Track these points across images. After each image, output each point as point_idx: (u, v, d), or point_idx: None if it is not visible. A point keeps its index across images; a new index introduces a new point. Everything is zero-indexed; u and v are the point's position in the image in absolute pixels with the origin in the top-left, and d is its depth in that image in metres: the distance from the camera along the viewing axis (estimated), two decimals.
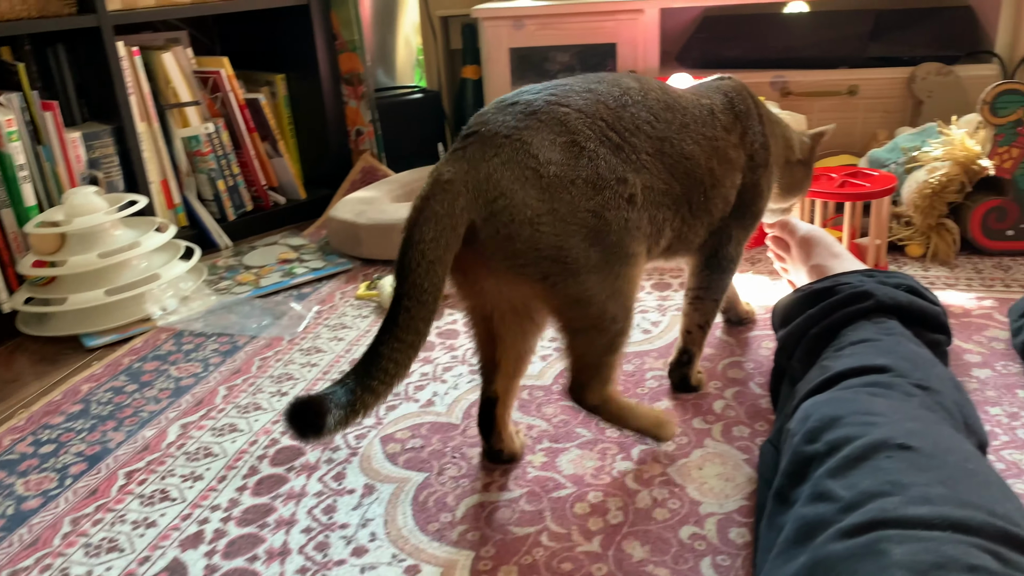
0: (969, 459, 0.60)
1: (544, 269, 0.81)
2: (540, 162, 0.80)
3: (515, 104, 0.85)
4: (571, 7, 1.85)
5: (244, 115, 1.81)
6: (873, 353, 0.85)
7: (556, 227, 0.80)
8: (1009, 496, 0.57)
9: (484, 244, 0.80)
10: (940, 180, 1.34)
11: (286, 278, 1.52)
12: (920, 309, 0.97)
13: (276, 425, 1.04)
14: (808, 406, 0.72)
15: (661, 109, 0.92)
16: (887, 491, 0.55)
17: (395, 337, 0.76)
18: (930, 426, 0.65)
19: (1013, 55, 1.72)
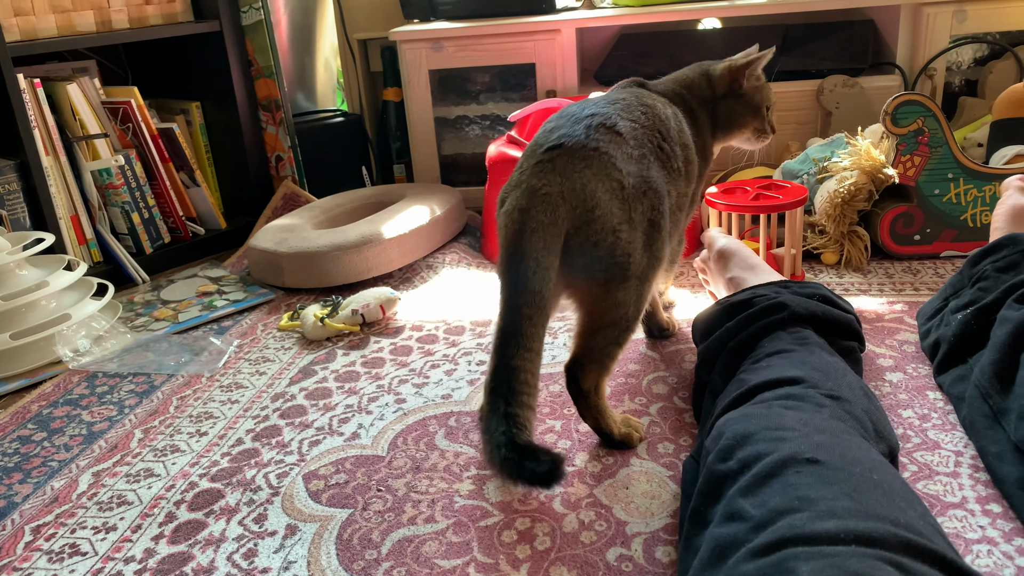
0: (874, 469, 0.61)
1: (611, 273, 0.87)
2: (623, 174, 0.88)
3: (592, 117, 0.91)
4: (488, 29, 1.86)
5: (157, 145, 1.76)
6: (787, 364, 0.86)
7: (631, 235, 0.87)
8: (913, 504, 0.58)
9: (569, 249, 0.85)
10: (849, 189, 1.39)
11: (205, 312, 1.48)
12: (833, 317, 1.00)
13: (194, 468, 1.00)
14: (722, 423, 0.73)
15: (677, 121, 1.03)
16: (796, 507, 0.55)
17: (524, 347, 0.82)
18: (838, 437, 0.67)
19: (913, 66, 1.79)
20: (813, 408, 0.74)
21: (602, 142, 0.89)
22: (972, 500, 0.82)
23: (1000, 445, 0.86)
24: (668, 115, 1.01)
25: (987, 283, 1.04)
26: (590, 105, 0.95)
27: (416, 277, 1.58)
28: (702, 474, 0.68)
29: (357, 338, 1.32)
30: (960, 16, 1.73)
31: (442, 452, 0.99)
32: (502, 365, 0.81)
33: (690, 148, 1.05)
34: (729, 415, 0.75)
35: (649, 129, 0.95)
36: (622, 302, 0.90)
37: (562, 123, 0.92)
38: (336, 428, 1.06)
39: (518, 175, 0.90)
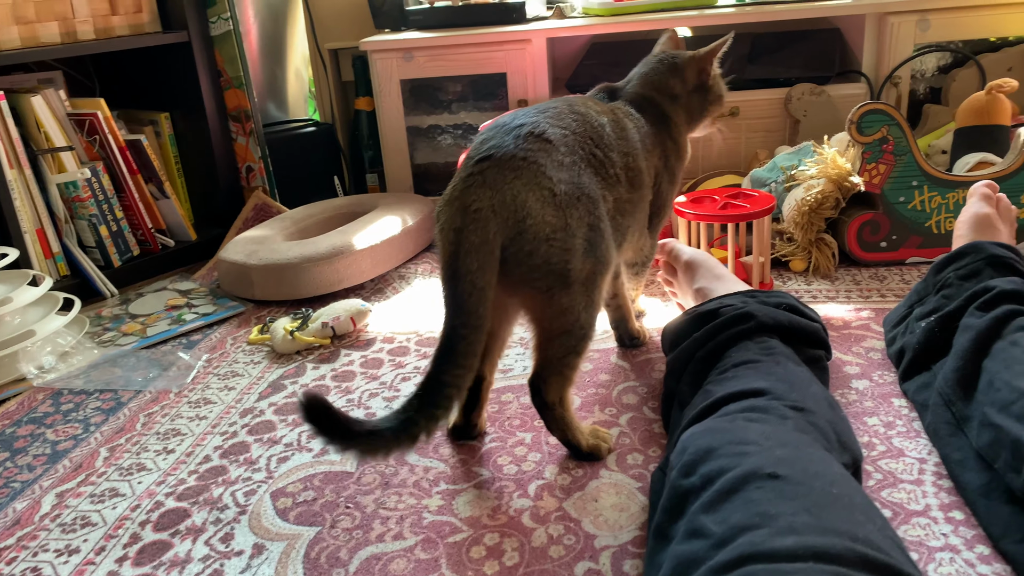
0: (835, 483, 0.62)
1: (551, 281, 0.88)
2: (554, 182, 0.88)
3: (520, 127, 0.91)
4: (459, 39, 1.86)
5: (125, 157, 1.74)
6: (753, 376, 0.87)
7: (567, 242, 0.88)
8: (872, 517, 0.59)
9: (506, 260, 0.86)
10: (816, 197, 1.40)
11: (174, 326, 1.47)
12: (799, 327, 1.01)
13: (160, 486, 0.99)
14: (686, 438, 0.73)
15: (619, 128, 1.04)
16: (756, 524, 0.56)
17: (456, 364, 0.82)
18: (800, 451, 0.67)
19: (879, 74, 1.81)
20: (777, 420, 0.74)
21: (531, 151, 0.89)
22: (935, 508, 0.83)
23: (963, 452, 0.87)
24: (603, 123, 1.01)
25: (950, 290, 1.06)
26: (520, 115, 0.95)
27: (388, 288, 1.57)
28: (666, 490, 0.68)
29: (327, 351, 1.32)
30: (923, 25, 1.76)
31: (411, 467, 0.98)
32: (432, 377, 0.82)
33: (632, 155, 1.04)
34: (693, 429, 0.75)
35: (581, 136, 0.96)
36: (569, 308, 0.90)
37: (493, 134, 0.92)
38: (305, 444, 1.06)
39: (451, 190, 0.89)
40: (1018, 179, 1.41)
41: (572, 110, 0.99)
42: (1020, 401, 0.80)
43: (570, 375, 0.94)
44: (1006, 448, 0.79)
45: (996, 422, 0.81)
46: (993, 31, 1.78)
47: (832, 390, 1.07)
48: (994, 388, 0.85)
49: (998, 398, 0.84)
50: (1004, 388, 0.84)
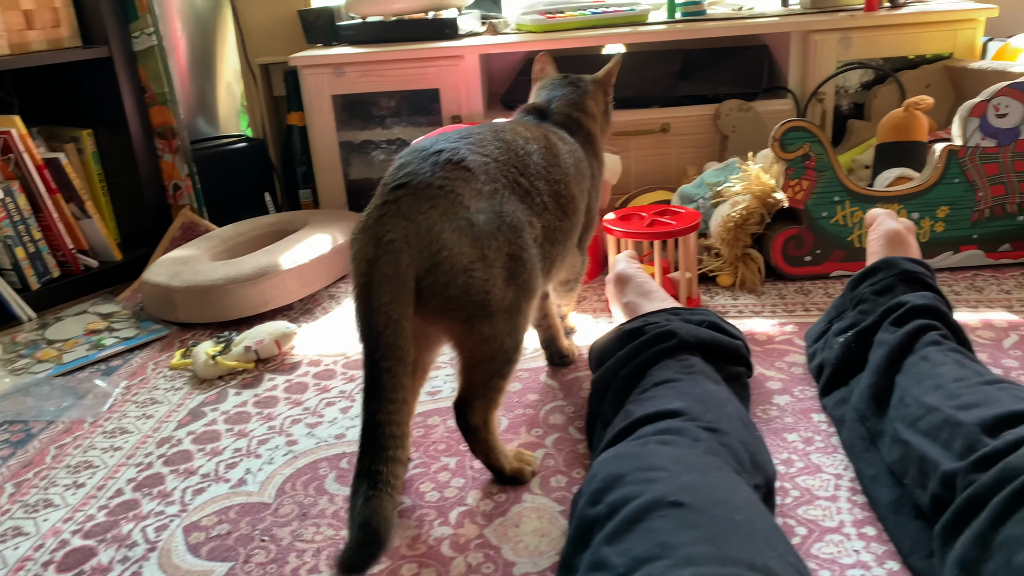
0: (739, 509, 0.62)
1: (470, 311, 0.86)
2: (472, 211, 0.85)
3: (439, 153, 0.88)
4: (390, 54, 1.85)
5: (43, 176, 1.68)
6: (670, 396, 0.87)
7: (485, 272, 0.86)
8: (773, 543, 0.59)
9: (422, 291, 0.83)
10: (741, 213, 1.42)
11: (93, 351, 1.42)
12: (720, 344, 1.02)
13: (67, 524, 0.95)
14: (597, 464, 0.73)
15: (550, 155, 1.02)
16: (656, 555, 0.56)
17: (386, 399, 0.79)
18: (708, 475, 0.67)
19: (805, 90, 1.85)
20: (689, 443, 0.75)
21: (448, 180, 0.86)
22: (848, 524, 0.84)
23: (876, 468, 0.88)
24: (531, 150, 0.99)
25: (866, 306, 1.08)
26: (441, 140, 0.92)
27: (317, 308, 1.54)
28: (573, 519, 0.68)
29: (251, 376, 1.29)
30: (846, 43, 1.81)
31: (331, 496, 0.96)
32: (368, 422, 0.78)
33: (564, 183, 1.02)
34: (605, 455, 0.75)
35: (504, 163, 0.93)
36: (491, 337, 0.88)
37: (411, 159, 0.89)
38: (222, 474, 1.02)
39: (365, 218, 0.86)
40: (935, 193, 1.45)
41: (496, 136, 0.97)
42: (927, 416, 0.82)
43: (495, 398, 0.93)
44: (913, 464, 0.80)
45: (905, 438, 0.83)
46: (912, 49, 1.84)
47: (754, 405, 1.08)
48: (904, 403, 0.87)
49: (907, 413, 0.85)
50: (913, 404, 0.85)
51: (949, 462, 0.73)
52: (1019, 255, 1.48)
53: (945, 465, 0.73)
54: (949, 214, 1.46)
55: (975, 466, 0.69)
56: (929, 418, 0.81)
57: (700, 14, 1.95)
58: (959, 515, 0.68)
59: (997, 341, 1.20)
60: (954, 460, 0.73)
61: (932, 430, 0.79)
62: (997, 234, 1.47)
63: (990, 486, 0.66)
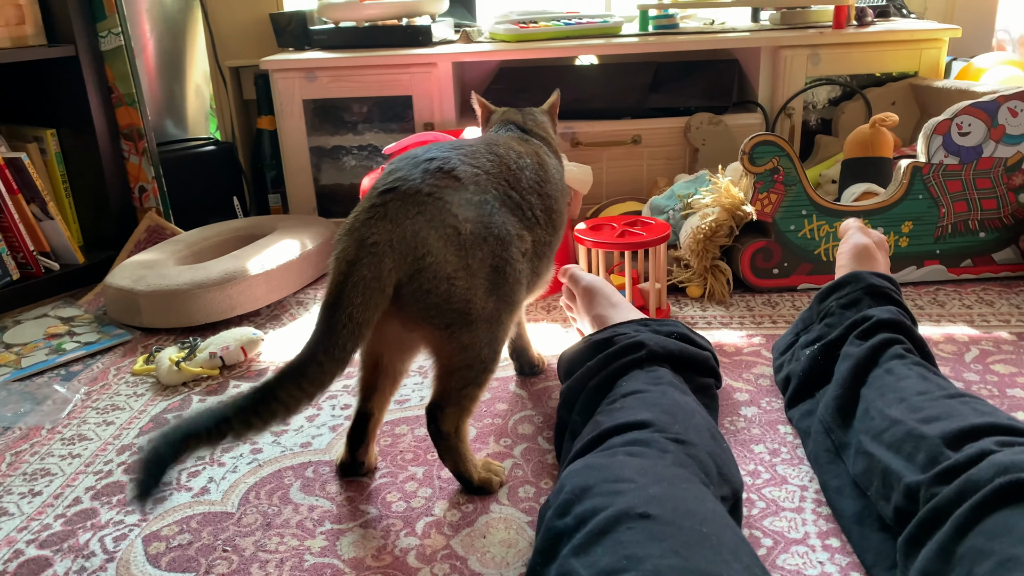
0: (705, 521, 0.62)
1: (449, 319, 0.86)
2: (459, 220, 0.86)
3: (430, 161, 0.90)
4: (363, 60, 1.84)
5: (4, 176, 1.64)
6: (639, 407, 0.87)
7: (468, 282, 0.86)
8: (739, 556, 0.59)
9: (403, 296, 0.84)
10: (711, 225, 1.43)
11: (53, 355, 1.38)
12: (689, 355, 1.02)
13: (22, 533, 0.92)
14: (565, 475, 0.72)
15: (542, 171, 1.04)
16: (623, 567, 0.55)
17: (298, 386, 0.78)
18: (675, 487, 0.67)
19: (774, 105, 1.88)
20: (656, 454, 0.75)
21: (438, 187, 0.87)
22: (813, 535, 0.85)
23: (840, 479, 0.89)
24: (523, 165, 1.00)
25: (832, 319, 1.09)
26: (434, 149, 0.93)
27: (285, 315, 1.53)
28: (541, 531, 0.67)
29: (215, 383, 1.26)
30: (814, 59, 1.83)
31: (296, 506, 0.95)
32: (266, 387, 0.78)
33: (554, 197, 1.04)
34: (573, 466, 0.75)
35: (495, 176, 0.94)
36: (469, 345, 0.88)
37: (401, 165, 0.90)
38: (184, 483, 1.01)
39: (352, 219, 0.86)
40: (899, 209, 1.47)
41: (489, 150, 0.98)
42: (891, 429, 0.83)
43: (469, 406, 0.93)
44: (877, 476, 0.81)
45: (869, 450, 0.84)
46: (879, 67, 1.87)
47: (722, 416, 1.08)
48: (869, 416, 0.88)
49: (872, 426, 0.86)
50: (877, 416, 0.86)
51: (912, 475, 0.74)
52: (980, 271, 1.51)
53: (908, 477, 0.74)
54: (913, 229, 1.49)
55: (937, 479, 0.70)
56: (893, 431, 0.82)
57: (672, 27, 1.97)
58: (921, 527, 0.69)
59: (959, 355, 1.23)
60: (917, 473, 0.74)
61: (896, 443, 0.80)
62: (959, 250, 1.50)
63: (952, 499, 0.67)
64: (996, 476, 0.65)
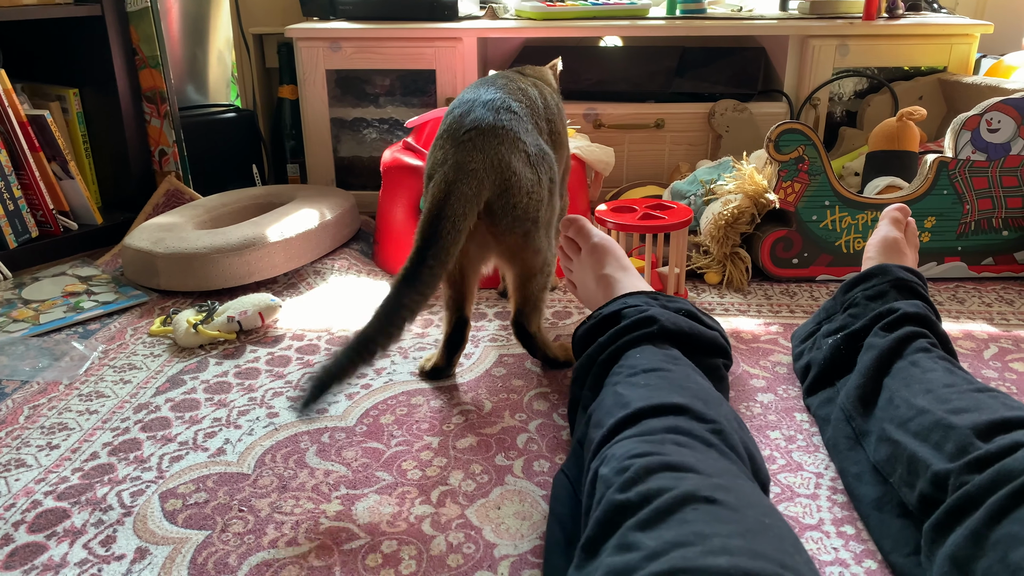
0: (767, 514, 0.62)
1: (527, 227, 1.05)
2: (528, 145, 1.06)
3: (492, 101, 1.07)
4: (389, 32, 1.83)
5: (26, 132, 1.64)
6: (667, 387, 0.85)
7: (539, 194, 1.06)
8: (800, 550, 0.60)
9: (494, 212, 1.02)
10: (733, 212, 1.43)
11: (71, 313, 1.39)
12: (699, 334, 1.00)
13: (40, 484, 0.93)
14: (622, 453, 0.71)
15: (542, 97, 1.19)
16: (690, 541, 0.56)
17: (416, 291, 0.94)
18: (734, 480, 0.67)
19: (799, 95, 1.86)
20: (703, 447, 0.73)
21: (507, 121, 1.05)
22: (828, 522, 0.85)
23: (860, 466, 0.89)
24: (536, 95, 1.18)
25: (857, 310, 1.08)
26: (483, 91, 1.10)
27: (302, 283, 1.53)
28: (601, 504, 0.66)
29: (232, 347, 1.27)
30: (843, 50, 1.82)
31: (312, 470, 0.95)
32: (391, 301, 0.93)
33: (555, 121, 1.21)
34: (626, 444, 0.73)
35: (530, 108, 1.13)
36: (539, 249, 1.08)
37: (469, 108, 1.06)
38: (201, 443, 1.01)
39: (443, 154, 1.03)
40: (923, 203, 1.46)
41: (518, 87, 1.15)
42: (918, 418, 0.82)
43: (542, 307, 1.15)
44: (902, 463, 0.81)
45: (894, 438, 0.84)
46: (907, 61, 1.85)
47: (738, 403, 1.08)
48: (893, 405, 0.88)
49: (897, 415, 0.86)
50: (903, 405, 0.86)
51: (940, 463, 0.74)
52: (1001, 269, 1.50)
53: (936, 465, 0.74)
54: (936, 225, 1.48)
55: (969, 467, 0.70)
56: (920, 420, 0.81)
57: (700, 12, 1.95)
58: (951, 514, 0.69)
59: (977, 352, 1.22)
60: (945, 461, 0.74)
61: (923, 431, 0.79)
62: (981, 247, 1.49)
63: (986, 486, 0.67)
64: None
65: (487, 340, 1.29)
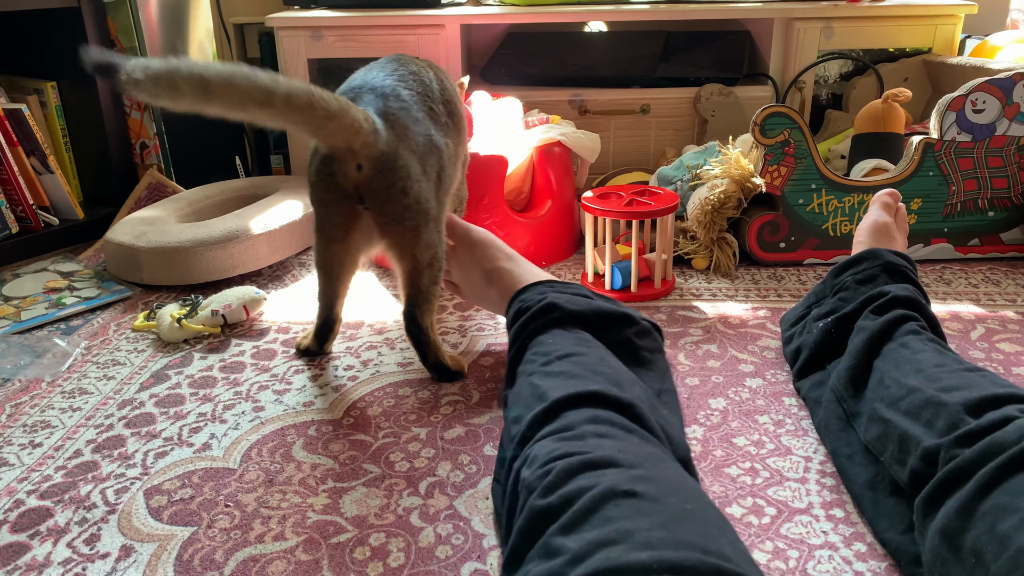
0: (689, 499, 0.62)
1: (417, 220, 1.02)
2: (415, 134, 1.02)
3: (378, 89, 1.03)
4: (371, 20, 1.81)
5: (4, 127, 1.62)
6: (582, 374, 0.83)
7: (427, 185, 1.03)
8: (724, 530, 0.59)
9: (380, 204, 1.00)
10: (719, 197, 1.42)
11: (53, 310, 1.37)
12: (601, 310, 0.98)
13: (23, 483, 0.92)
14: (543, 455, 0.69)
15: (438, 79, 1.16)
16: (612, 539, 0.55)
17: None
18: (657, 465, 0.66)
19: (785, 78, 1.86)
20: (623, 434, 0.72)
21: (397, 109, 1.01)
22: (817, 505, 0.85)
23: (852, 447, 0.89)
24: (431, 77, 1.14)
25: (847, 293, 1.08)
26: (372, 75, 1.07)
27: (287, 275, 1.51)
28: (523, 512, 0.66)
29: (217, 340, 1.26)
30: (828, 32, 1.81)
31: (299, 464, 0.94)
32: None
33: (453, 103, 1.17)
34: (547, 444, 0.71)
35: (421, 95, 1.08)
36: (431, 242, 1.05)
37: (357, 95, 1.03)
38: (186, 438, 1.00)
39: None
40: (909, 185, 1.46)
41: (408, 71, 1.11)
42: (908, 397, 0.82)
43: (435, 302, 1.10)
44: (893, 441, 0.81)
45: (885, 417, 0.84)
46: (892, 42, 1.85)
47: (726, 388, 1.08)
48: (884, 385, 0.88)
49: (887, 394, 0.86)
50: (893, 385, 0.86)
51: (931, 439, 0.74)
52: (987, 250, 1.50)
53: (927, 441, 0.74)
54: (922, 207, 1.47)
55: (958, 441, 0.70)
56: (911, 398, 0.82)
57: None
58: (941, 488, 0.69)
59: (965, 333, 1.22)
60: (936, 437, 0.74)
61: (913, 410, 0.80)
62: (967, 229, 1.49)
63: (975, 460, 0.67)
64: (1022, 438, 0.65)
65: (474, 330, 1.28)
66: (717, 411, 1.03)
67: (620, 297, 1.35)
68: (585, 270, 1.44)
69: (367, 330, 1.29)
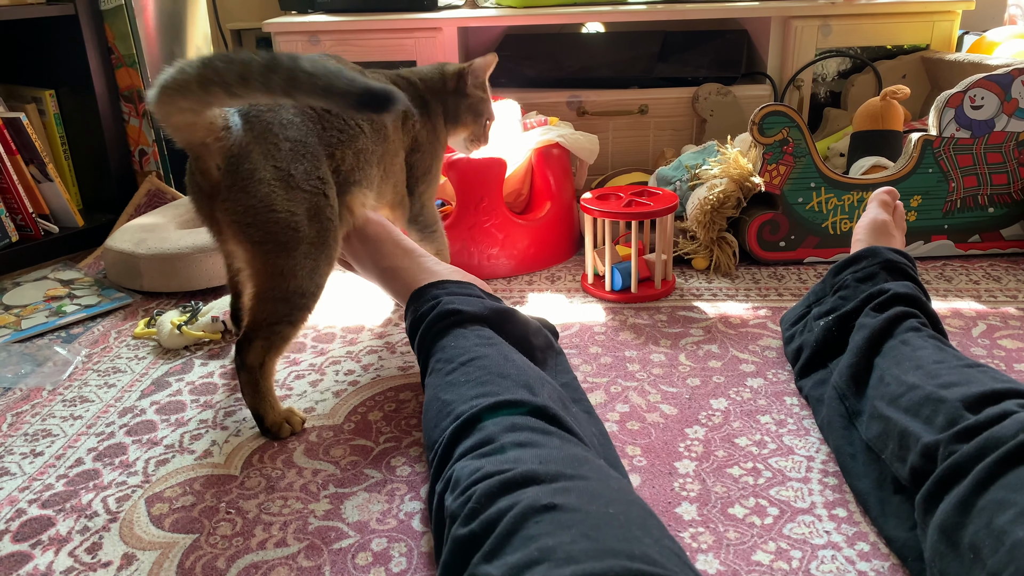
0: (611, 502, 0.61)
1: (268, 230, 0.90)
2: (280, 139, 0.92)
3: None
4: (368, 24, 1.81)
5: (3, 136, 1.62)
6: (489, 379, 0.83)
7: (289, 195, 0.92)
8: (648, 530, 0.59)
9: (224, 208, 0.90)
10: (718, 196, 1.42)
11: (53, 318, 1.37)
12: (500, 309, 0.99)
13: (24, 492, 0.92)
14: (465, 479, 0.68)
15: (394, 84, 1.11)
16: (535, 559, 0.55)
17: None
18: (579, 469, 0.66)
19: (783, 77, 1.85)
20: (543, 437, 0.72)
21: (262, 110, 0.92)
22: (820, 505, 0.84)
23: (855, 446, 0.89)
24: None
25: (847, 292, 1.08)
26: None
27: None
28: (447, 543, 0.65)
29: (218, 347, 1.26)
30: (825, 30, 1.81)
31: (300, 470, 0.94)
32: None
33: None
34: (468, 464, 0.70)
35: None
36: (286, 271, 0.93)
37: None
38: (187, 445, 1.00)
39: None
40: (909, 182, 1.46)
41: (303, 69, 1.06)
42: (908, 394, 0.82)
43: (279, 344, 0.96)
44: (893, 439, 0.81)
45: (885, 414, 0.84)
46: (890, 39, 1.85)
47: (728, 387, 1.08)
48: (884, 383, 0.88)
49: (887, 392, 0.86)
50: (893, 383, 0.86)
51: (930, 435, 0.74)
52: (988, 246, 1.50)
53: (926, 438, 0.74)
54: (921, 204, 1.47)
55: (957, 437, 0.70)
56: (910, 395, 0.82)
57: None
58: (940, 483, 0.69)
59: (966, 329, 1.22)
60: (935, 433, 0.74)
61: (913, 406, 0.79)
62: (967, 225, 1.49)
63: (973, 455, 0.67)
64: (1020, 432, 0.65)
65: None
66: (719, 411, 1.03)
67: (621, 298, 1.35)
68: (585, 271, 1.43)
69: (367, 334, 1.28)
